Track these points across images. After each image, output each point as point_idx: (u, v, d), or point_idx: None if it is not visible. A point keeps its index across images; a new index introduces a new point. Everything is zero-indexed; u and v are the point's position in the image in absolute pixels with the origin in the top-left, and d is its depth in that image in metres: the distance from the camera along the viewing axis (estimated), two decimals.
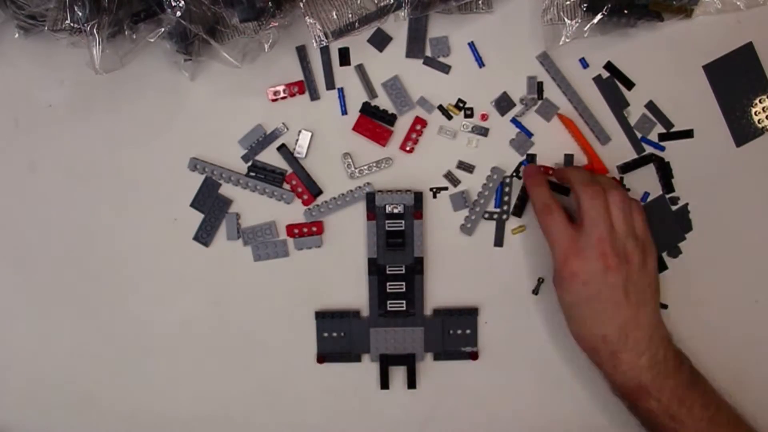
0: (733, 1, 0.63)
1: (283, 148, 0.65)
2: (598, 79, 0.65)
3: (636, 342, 0.58)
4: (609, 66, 0.64)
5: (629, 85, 0.65)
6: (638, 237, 0.59)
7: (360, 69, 0.64)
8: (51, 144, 0.65)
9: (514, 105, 0.65)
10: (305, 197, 0.65)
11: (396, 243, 0.64)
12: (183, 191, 0.65)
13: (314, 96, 0.65)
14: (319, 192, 0.65)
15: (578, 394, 0.67)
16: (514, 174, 0.65)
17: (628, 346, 0.58)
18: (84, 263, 0.65)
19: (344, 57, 0.64)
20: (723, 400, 0.62)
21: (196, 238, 0.65)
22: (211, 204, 0.65)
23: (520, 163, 0.65)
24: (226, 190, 0.65)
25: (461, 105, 0.65)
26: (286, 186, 0.65)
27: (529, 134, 0.65)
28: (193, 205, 0.65)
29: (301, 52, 0.64)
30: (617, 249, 0.57)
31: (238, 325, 0.66)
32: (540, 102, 0.65)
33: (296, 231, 0.65)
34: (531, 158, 0.65)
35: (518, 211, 0.66)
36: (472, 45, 0.64)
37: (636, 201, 0.61)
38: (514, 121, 0.65)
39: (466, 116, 0.65)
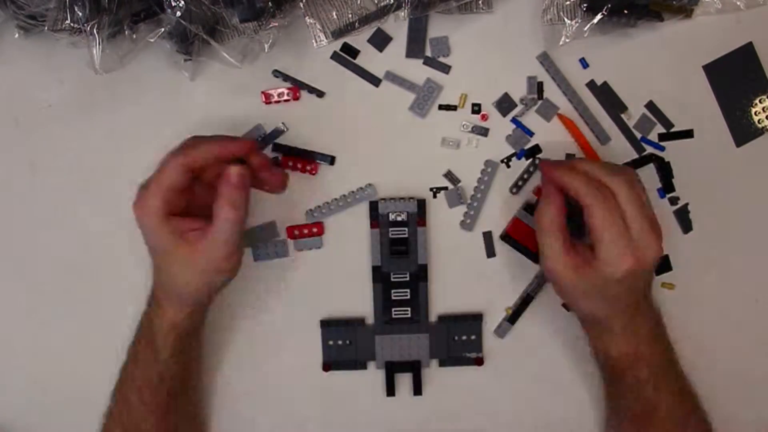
0: (733, 1, 0.63)
1: (278, 146, 0.65)
2: (591, 85, 0.65)
3: (644, 308, 0.58)
4: (604, 85, 0.65)
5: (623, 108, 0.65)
6: (652, 222, 0.54)
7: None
8: (51, 144, 0.65)
9: (516, 106, 0.65)
10: (309, 167, 0.65)
11: (400, 251, 0.64)
12: None
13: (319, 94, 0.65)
14: (333, 158, 0.65)
15: (583, 399, 0.67)
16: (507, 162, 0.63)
17: (637, 316, 0.57)
18: (84, 263, 0.65)
19: (352, 52, 0.64)
20: (690, 385, 0.62)
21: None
22: None
23: (514, 154, 0.66)
24: None
25: (475, 108, 0.65)
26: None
27: (530, 134, 0.65)
28: None
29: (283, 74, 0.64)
30: (638, 254, 0.53)
31: (241, 331, 0.66)
32: (540, 102, 0.65)
33: (296, 232, 0.65)
34: (529, 154, 0.65)
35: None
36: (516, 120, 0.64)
37: (639, 183, 0.56)
38: (514, 120, 0.65)
39: (474, 112, 0.65)
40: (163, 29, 0.57)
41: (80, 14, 0.55)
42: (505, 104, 0.65)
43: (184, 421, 0.63)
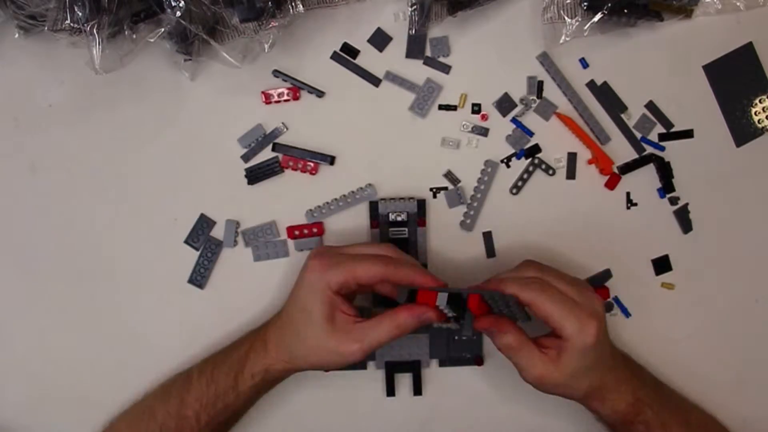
0: (733, 2, 0.64)
1: (278, 146, 0.65)
2: (591, 85, 0.65)
3: (619, 356, 0.61)
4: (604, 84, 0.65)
5: (622, 108, 0.65)
6: (577, 281, 0.57)
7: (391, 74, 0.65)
8: (51, 144, 0.65)
9: (516, 106, 0.65)
10: (309, 167, 0.65)
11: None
12: (183, 191, 0.65)
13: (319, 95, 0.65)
14: (333, 158, 0.65)
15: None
16: None
17: (622, 368, 0.59)
18: (84, 263, 0.65)
19: (352, 52, 0.64)
20: (693, 409, 0.64)
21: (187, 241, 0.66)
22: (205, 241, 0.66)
23: (514, 154, 0.66)
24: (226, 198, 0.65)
25: (475, 108, 0.65)
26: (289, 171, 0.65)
27: (530, 133, 0.65)
28: (186, 242, 0.65)
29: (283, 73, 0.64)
30: (592, 313, 0.55)
31: (241, 332, 0.65)
32: (538, 101, 0.65)
33: (297, 232, 0.65)
34: (529, 154, 0.65)
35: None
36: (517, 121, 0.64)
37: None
38: (514, 120, 0.65)
39: (474, 112, 0.65)
40: (163, 29, 0.57)
41: (80, 14, 0.55)
42: (505, 104, 0.65)
43: None
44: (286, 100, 0.64)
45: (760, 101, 0.65)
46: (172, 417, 0.60)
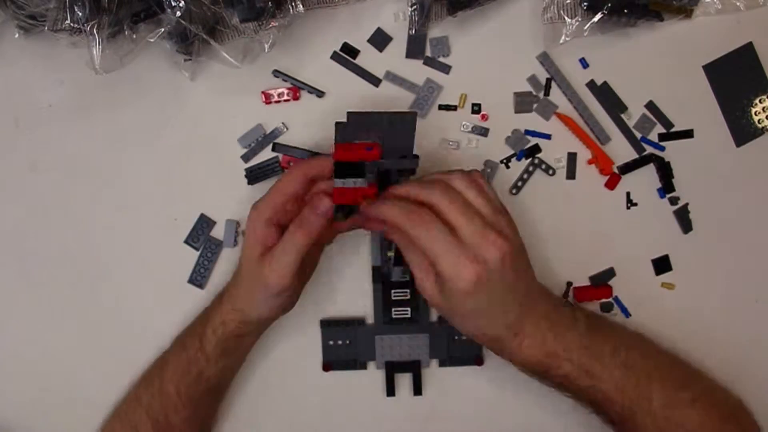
0: (733, 2, 0.64)
1: (278, 146, 0.65)
2: (591, 85, 0.65)
3: (533, 314, 0.54)
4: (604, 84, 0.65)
5: (623, 108, 0.65)
6: (498, 212, 0.52)
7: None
8: (51, 144, 0.65)
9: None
10: None
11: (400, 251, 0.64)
12: (183, 191, 0.65)
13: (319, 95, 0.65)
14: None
15: None
16: None
17: (527, 321, 0.53)
18: (84, 263, 0.65)
19: (352, 52, 0.64)
20: (634, 338, 0.61)
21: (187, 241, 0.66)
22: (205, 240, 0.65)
23: (514, 155, 0.66)
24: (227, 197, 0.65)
25: (475, 108, 0.65)
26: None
27: (547, 137, 0.65)
28: (186, 241, 0.66)
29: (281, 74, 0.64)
30: (478, 258, 0.49)
31: None
32: (538, 101, 0.65)
33: None
34: (528, 154, 0.65)
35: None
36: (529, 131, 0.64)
37: (476, 174, 0.53)
38: (528, 132, 0.65)
39: (474, 112, 0.65)
40: (163, 29, 0.57)
41: (80, 14, 0.55)
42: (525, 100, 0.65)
43: (210, 418, 0.65)
44: (286, 100, 0.64)
45: (760, 101, 0.65)
46: (155, 397, 0.60)
